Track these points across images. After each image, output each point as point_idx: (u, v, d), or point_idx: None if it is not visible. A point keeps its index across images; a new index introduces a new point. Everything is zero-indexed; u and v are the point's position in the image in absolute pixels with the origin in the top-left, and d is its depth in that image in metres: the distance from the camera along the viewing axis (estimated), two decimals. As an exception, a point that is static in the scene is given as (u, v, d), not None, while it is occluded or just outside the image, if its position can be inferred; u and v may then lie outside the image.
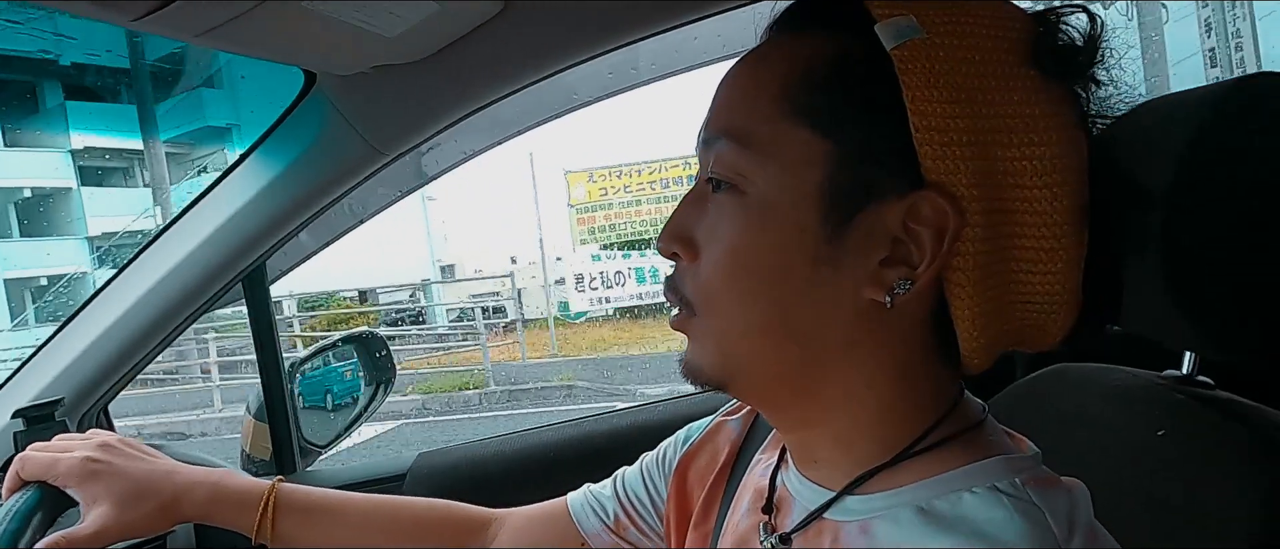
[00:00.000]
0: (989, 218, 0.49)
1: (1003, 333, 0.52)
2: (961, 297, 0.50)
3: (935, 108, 0.48)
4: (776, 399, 0.57)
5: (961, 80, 0.48)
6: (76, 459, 0.76)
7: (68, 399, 1.20)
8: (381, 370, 1.56)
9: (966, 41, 0.49)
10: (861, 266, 0.50)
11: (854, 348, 0.52)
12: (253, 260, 1.19)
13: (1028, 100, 0.49)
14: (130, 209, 17.70)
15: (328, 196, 1.12)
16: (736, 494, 0.68)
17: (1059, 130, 0.49)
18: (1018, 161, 0.49)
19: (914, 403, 0.53)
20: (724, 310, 0.54)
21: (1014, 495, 0.48)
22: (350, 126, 1.05)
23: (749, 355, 0.54)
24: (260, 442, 1.42)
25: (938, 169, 0.48)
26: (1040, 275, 0.50)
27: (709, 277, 0.54)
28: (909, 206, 0.49)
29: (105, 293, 1.23)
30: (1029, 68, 0.49)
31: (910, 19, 0.49)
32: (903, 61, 0.48)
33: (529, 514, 0.84)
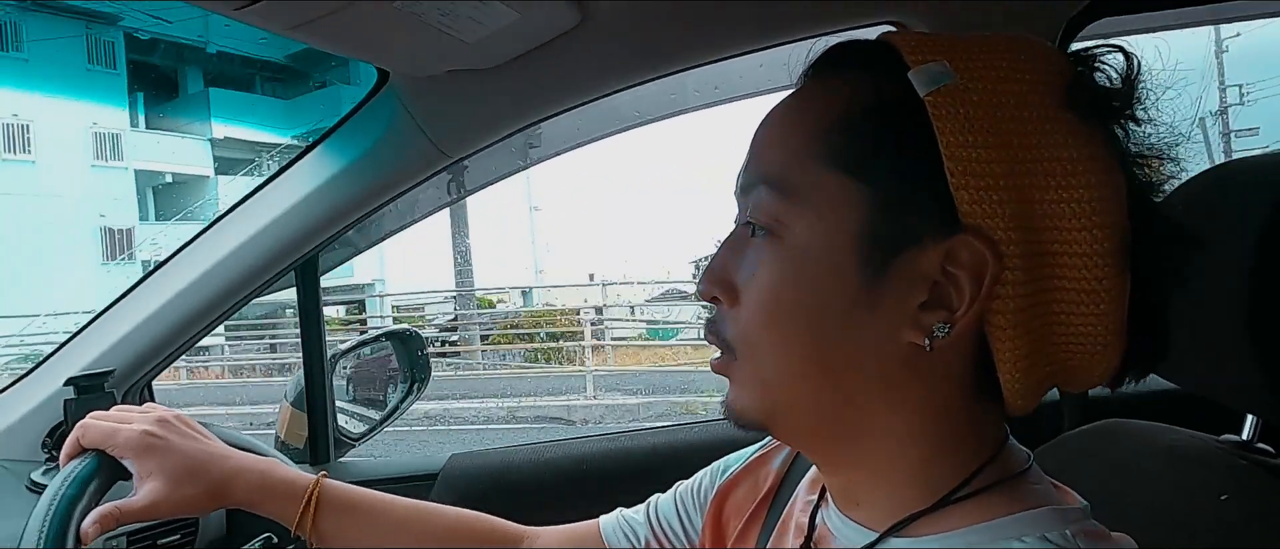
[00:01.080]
0: (1028, 261, 0.49)
1: (1046, 374, 0.52)
2: (1003, 339, 0.50)
3: (971, 153, 0.48)
4: (818, 442, 0.57)
5: (996, 124, 0.48)
6: (135, 432, 0.76)
7: (118, 371, 1.23)
8: (418, 369, 1.58)
9: (1001, 85, 0.49)
10: (900, 310, 0.50)
11: (894, 391, 0.52)
12: (309, 250, 1.21)
13: (1064, 143, 0.49)
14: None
15: (388, 194, 1.14)
16: (776, 529, 0.67)
17: (1097, 172, 0.49)
18: (1056, 204, 0.49)
19: (957, 447, 0.53)
20: (764, 354, 0.54)
21: (1064, 547, 0.48)
22: (418, 127, 1.07)
23: (789, 399, 0.54)
24: (296, 429, 1.43)
25: (975, 213, 0.48)
26: (1082, 316, 0.50)
27: (748, 321, 0.54)
28: (947, 251, 0.49)
29: (162, 270, 1.25)
30: (1064, 110, 0.49)
31: (944, 64, 0.49)
32: (936, 107, 0.48)
33: (560, 534, 0.84)
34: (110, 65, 18.88)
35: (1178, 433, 0.78)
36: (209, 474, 0.77)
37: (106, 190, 18.76)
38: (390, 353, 1.62)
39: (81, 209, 18.07)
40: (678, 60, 1.04)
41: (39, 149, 17.83)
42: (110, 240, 18.74)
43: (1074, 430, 0.89)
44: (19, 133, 17.61)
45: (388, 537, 0.83)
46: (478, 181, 1.39)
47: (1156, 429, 0.80)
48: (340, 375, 1.53)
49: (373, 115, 1.11)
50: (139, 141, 19.52)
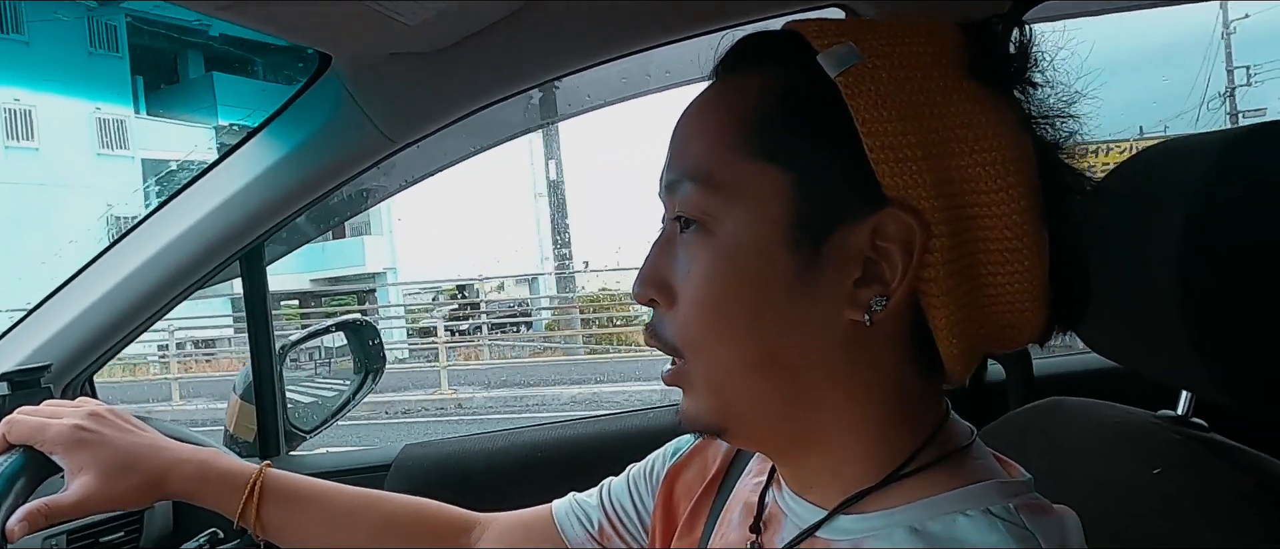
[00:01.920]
0: (952, 227, 0.50)
1: (980, 337, 0.54)
2: (937, 306, 0.51)
3: (886, 126, 0.49)
4: (773, 437, 0.57)
5: (907, 97, 0.50)
6: (65, 426, 0.74)
7: (54, 367, 1.19)
8: (372, 359, 1.55)
9: (906, 60, 0.50)
10: (837, 290, 0.51)
11: (841, 372, 0.53)
12: (252, 240, 1.18)
13: (972, 110, 0.50)
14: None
15: (333, 181, 1.12)
16: (725, 508, 0.68)
17: (1006, 135, 0.51)
18: (971, 168, 0.50)
19: (903, 423, 0.54)
20: (709, 352, 0.54)
21: (1007, 520, 0.49)
22: (362, 112, 1.05)
23: (741, 395, 0.54)
24: (245, 423, 1.41)
25: (897, 185, 0.49)
26: (1008, 275, 0.52)
27: (688, 320, 0.54)
28: (875, 226, 0.50)
29: (100, 262, 1.22)
30: (968, 79, 0.51)
31: (850, 45, 0.50)
32: (848, 86, 0.49)
33: (513, 520, 0.84)
34: (113, 49, 18.17)
35: (1117, 409, 0.79)
36: (144, 467, 0.75)
37: (113, 179, 18.03)
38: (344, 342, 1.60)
39: (89, 199, 17.31)
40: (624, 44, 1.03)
41: (42, 136, 17.10)
42: (120, 232, 17.99)
43: (1018, 409, 0.90)
44: (22, 119, 16.85)
45: (336, 526, 0.81)
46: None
47: (1097, 406, 0.81)
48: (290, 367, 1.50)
49: (315, 100, 1.08)
50: (143, 128, 18.83)
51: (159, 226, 1.19)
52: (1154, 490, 0.68)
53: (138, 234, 1.20)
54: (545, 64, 1.05)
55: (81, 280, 1.22)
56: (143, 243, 1.18)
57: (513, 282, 17.78)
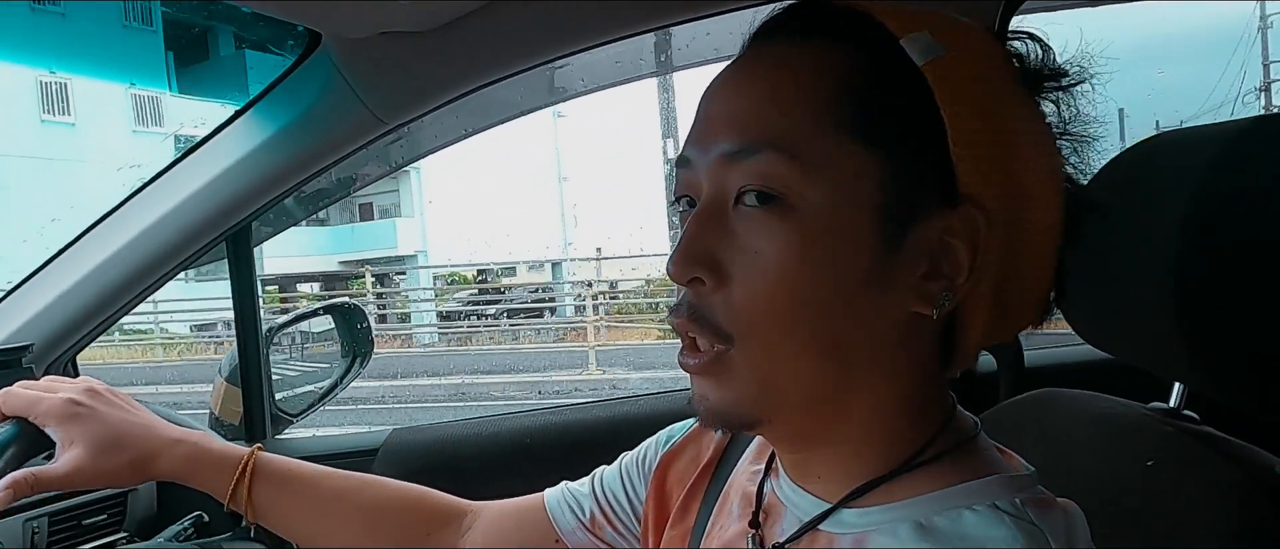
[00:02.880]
0: (1007, 231, 0.51)
1: (994, 330, 0.54)
2: (978, 306, 0.51)
3: (968, 123, 0.49)
4: (804, 425, 0.54)
5: (982, 97, 0.50)
6: (59, 400, 0.74)
7: (37, 346, 1.18)
8: (360, 343, 1.54)
9: (979, 59, 0.51)
10: (908, 282, 0.50)
11: (882, 362, 0.52)
12: (240, 220, 1.17)
13: (1027, 116, 0.52)
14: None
15: (323, 162, 1.11)
16: (721, 497, 0.67)
17: (1049, 143, 0.52)
18: (1027, 174, 0.51)
19: (916, 415, 0.54)
20: (767, 337, 0.50)
21: (1014, 515, 0.48)
22: (352, 92, 1.03)
23: (791, 383, 0.51)
24: (231, 405, 1.39)
25: (973, 183, 0.49)
26: (1033, 280, 0.53)
27: (747, 301, 0.50)
28: (948, 222, 0.50)
29: (84, 240, 1.20)
30: (1020, 85, 0.52)
31: (929, 36, 0.50)
32: (936, 77, 0.49)
33: (505, 508, 0.83)
34: (147, 22, 17.64)
35: (1108, 401, 0.79)
36: (135, 444, 0.76)
37: (149, 157, 17.64)
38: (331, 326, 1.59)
39: (127, 178, 16.97)
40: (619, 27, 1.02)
41: (78, 111, 16.64)
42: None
43: (1010, 400, 0.90)
44: (58, 93, 16.36)
45: (326, 509, 0.81)
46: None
47: (1088, 397, 0.81)
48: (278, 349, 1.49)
49: (305, 79, 1.07)
50: (177, 106, 18.30)
51: (144, 206, 1.17)
52: (1146, 482, 0.68)
53: (122, 213, 1.18)
54: (539, 46, 1.04)
55: (65, 258, 1.20)
56: (128, 222, 1.17)
57: (525, 268, 17.78)
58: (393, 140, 1.19)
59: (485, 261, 16.90)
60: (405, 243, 18.94)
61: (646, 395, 1.46)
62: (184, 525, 1.12)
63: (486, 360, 11.36)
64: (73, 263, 1.20)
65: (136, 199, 1.19)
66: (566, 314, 14.19)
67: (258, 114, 1.12)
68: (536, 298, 15.16)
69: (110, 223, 1.20)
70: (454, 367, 10.91)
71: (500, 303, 14.61)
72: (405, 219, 19.18)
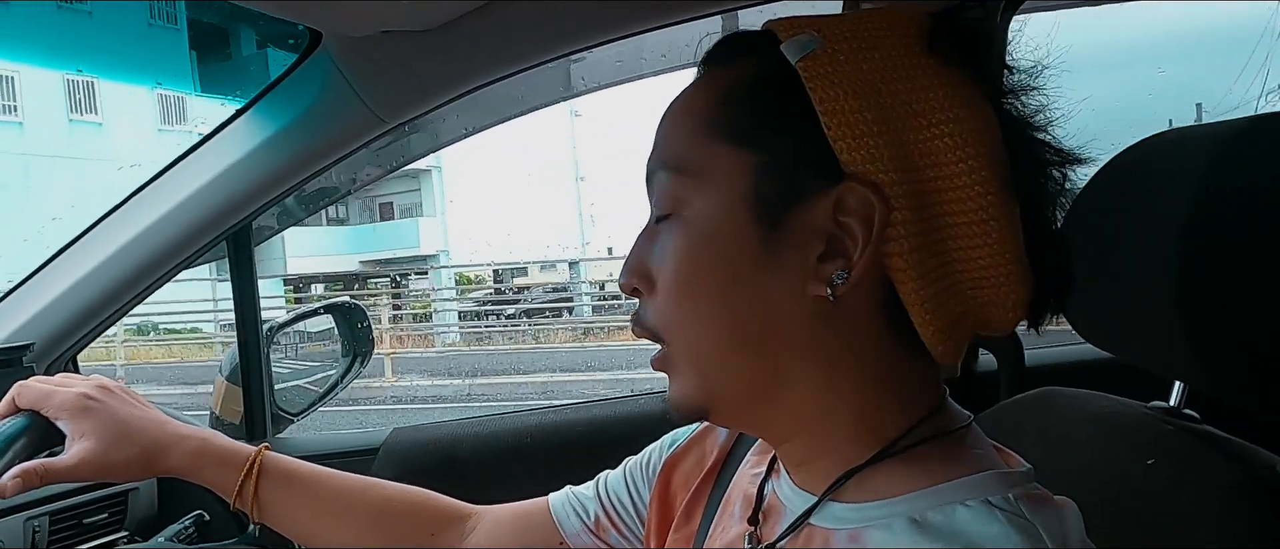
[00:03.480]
0: (914, 200, 0.51)
1: (958, 315, 0.54)
2: (905, 280, 0.51)
3: (842, 104, 0.50)
4: (754, 412, 0.57)
5: (863, 75, 0.51)
6: (71, 393, 0.76)
7: (37, 345, 1.18)
8: (360, 342, 1.54)
9: (864, 43, 0.52)
10: (801, 266, 0.52)
11: (814, 347, 0.53)
12: (240, 219, 1.17)
13: (929, 83, 0.51)
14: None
15: (324, 161, 1.11)
16: (724, 500, 0.67)
17: (964, 106, 0.51)
18: (930, 141, 0.51)
19: (890, 402, 0.54)
20: (686, 333, 0.56)
21: (1008, 511, 0.48)
22: (353, 91, 1.03)
23: (721, 373, 0.55)
24: (231, 404, 1.39)
25: (854, 160, 0.50)
26: (977, 248, 0.52)
27: (664, 303, 0.56)
28: (835, 200, 0.51)
29: (85, 239, 1.20)
30: (926, 55, 0.52)
31: (811, 33, 0.52)
32: (807, 70, 0.51)
33: (508, 511, 0.84)
34: (172, 21, 17.46)
35: (1109, 400, 0.79)
36: (144, 439, 0.77)
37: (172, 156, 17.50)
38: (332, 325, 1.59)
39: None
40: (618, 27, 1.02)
41: (105, 110, 16.66)
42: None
43: (1010, 399, 0.90)
44: (85, 91, 16.37)
45: (331, 508, 0.82)
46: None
47: (1089, 396, 0.81)
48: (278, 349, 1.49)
49: (306, 78, 1.07)
50: (202, 107, 18.33)
51: (145, 205, 1.17)
52: (1146, 481, 0.68)
53: (123, 212, 1.18)
54: (539, 46, 1.04)
55: (66, 258, 1.20)
56: (128, 221, 1.17)
57: (538, 268, 17.74)
58: (412, 132, 1.19)
59: (507, 262, 16.81)
60: (427, 242, 18.94)
61: (644, 395, 1.46)
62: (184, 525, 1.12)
63: (509, 361, 11.31)
64: (73, 262, 1.20)
65: (137, 198, 1.19)
66: (583, 314, 14.23)
67: (258, 113, 1.12)
68: (555, 298, 15.16)
69: (111, 222, 1.20)
70: (476, 367, 10.87)
71: (518, 302, 14.56)
72: (427, 218, 19.16)
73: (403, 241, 19.10)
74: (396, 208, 19.90)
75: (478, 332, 13.67)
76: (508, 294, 15.66)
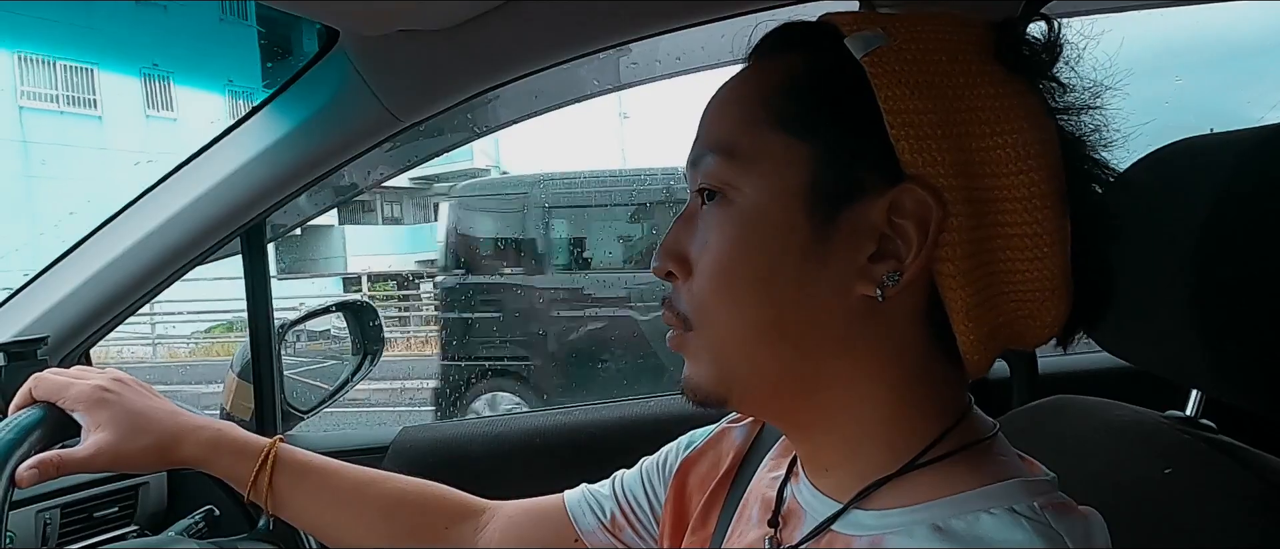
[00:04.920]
0: (970, 206, 0.51)
1: (997, 325, 0.53)
2: (952, 287, 0.51)
3: (906, 104, 0.50)
4: (779, 405, 0.57)
5: (929, 77, 0.50)
6: (87, 385, 0.77)
7: (52, 339, 1.18)
8: (371, 340, 1.55)
9: (931, 43, 0.51)
10: (850, 263, 0.51)
11: (851, 346, 0.53)
12: (255, 216, 1.17)
13: (994, 91, 0.51)
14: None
15: (338, 159, 1.11)
16: (742, 503, 0.67)
17: (1027, 118, 0.51)
18: (991, 150, 0.50)
19: (920, 408, 0.54)
20: (719, 320, 0.54)
21: (1032, 519, 0.48)
22: (369, 89, 1.03)
23: (746, 364, 0.54)
24: (242, 401, 1.40)
25: (915, 162, 0.50)
26: (1026, 260, 0.52)
27: (702, 289, 0.55)
28: (892, 201, 0.50)
29: (100, 234, 1.21)
30: (992, 62, 0.52)
31: (877, 30, 0.51)
32: (873, 66, 0.50)
33: (523, 507, 0.83)
34: (243, 16, 17.36)
35: (1124, 408, 0.79)
36: (158, 429, 0.77)
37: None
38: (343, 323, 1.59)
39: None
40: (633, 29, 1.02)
41: (180, 106, 16.44)
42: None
43: (1023, 406, 0.90)
44: (161, 88, 16.13)
45: (344, 500, 0.82)
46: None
47: (1103, 405, 0.81)
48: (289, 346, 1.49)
49: (322, 76, 1.07)
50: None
51: (160, 200, 1.17)
52: (1162, 490, 0.68)
53: (138, 207, 1.19)
54: (556, 46, 1.04)
55: (81, 252, 1.21)
56: (144, 216, 1.17)
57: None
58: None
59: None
60: None
61: (656, 396, 1.45)
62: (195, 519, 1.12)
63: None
64: (88, 257, 1.20)
65: (152, 194, 1.20)
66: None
67: (274, 110, 1.12)
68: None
69: (126, 217, 1.20)
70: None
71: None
72: None
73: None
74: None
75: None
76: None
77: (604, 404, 1.44)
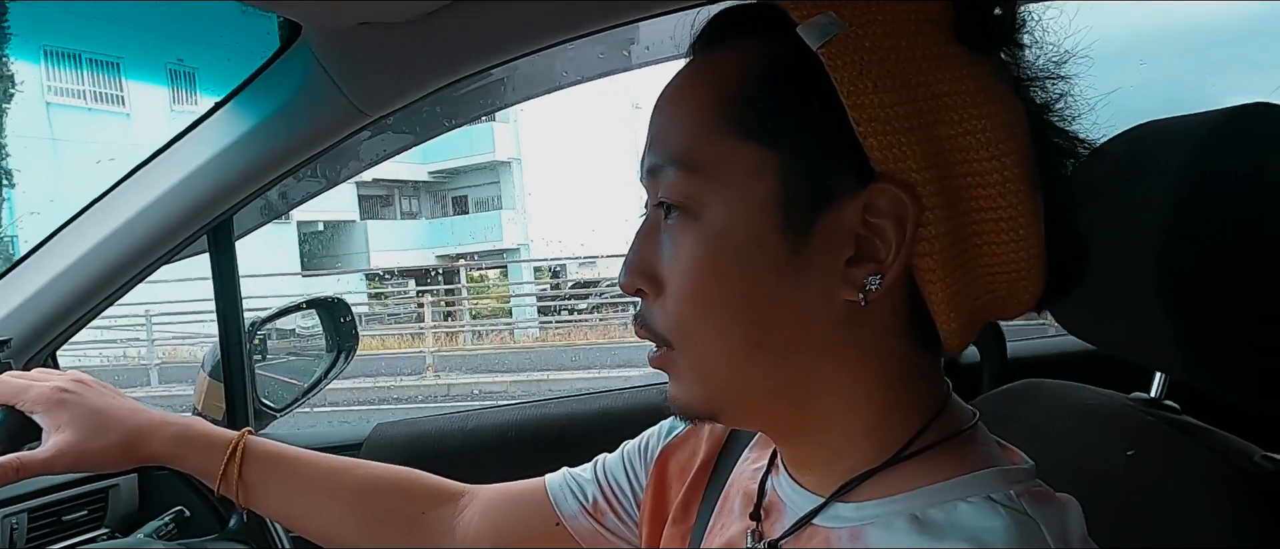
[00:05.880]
0: (945, 198, 0.49)
1: (977, 308, 0.53)
2: (933, 280, 0.50)
3: (872, 98, 0.47)
4: (769, 416, 0.56)
5: (892, 67, 0.48)
6: (47, 387, 0.76)
7: (15, 341, 1.16)
8: (344, 337, 1.53)
9: (890, 27, 0.49)
10: (830, 270, 0.50)
11: (838, 353, 0.52)
12: (221, 213, 1.15)
13: (960, 75, 0.49)
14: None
15: (304, 154, 1.10)
16: (722, 494, 0.67)
17: (995, 100, 0.50)
18: (961, 137, 0.49)
19: (904, 402, 0.53)
20: (699, 341, 0.53)
21: (1009, 507, 0.48)
22: (333, 83, 1.02)
23: (733, 382, 0.53)
24: (213, 400, 1.38)
25: (886, 159, 0.48)
26: (1003, 244, 0.51)
27: (677, 309, 0.53)
28: (865, 202, 0.49)
29: (63, 233, 1.19)
30: (954, 43, 0.50)
31: (830, 15, 0.48)
32: (831, 58, 0.48)
33: (504, 491, 0.83)
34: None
35: (1091, 392, 0.80)
36: (121, 427, 0.76)
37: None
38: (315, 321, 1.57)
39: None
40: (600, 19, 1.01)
41: (204, 102, 16.18)
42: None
43: (993, 391, 0.90)
44: (186, 83, 15.79)
45: (317, 489, 0.81)
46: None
47: (1071, 388, 0.82)
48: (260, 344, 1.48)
49: (285, 71, 1.06)
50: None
51: (123, 199, 1.15)
52: (1127, 472, 0.68)
53: (101, 206, 1.17)
54: (521, 38, 1.03)
55: (42, 253, 1.19)
56: (106, 215, 1.15)
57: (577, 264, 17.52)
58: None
59: (586, 254, 16.52)
60: (509, 235, 18.65)
61: (628, 389, 1.45)
62: (165, 521, 1.11)
63: (589, 355, 11.00)
64: (51, 257, 1.18)
65: (116, 192, 1.18)
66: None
67: (238, 106, 1.10)
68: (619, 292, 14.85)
69: (89, 216, 1.18)
70: (559, 361, 10.64)
71: (590, 297, 14.37)
72: (507, 211, 18.83)
73: (486, 234, 18.66)
74: (470, 201, 19.57)
75: (550, 324, 13.49)
76: (565, 288, 15.41)
77: (579, 395, 1.44)
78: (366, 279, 16.45)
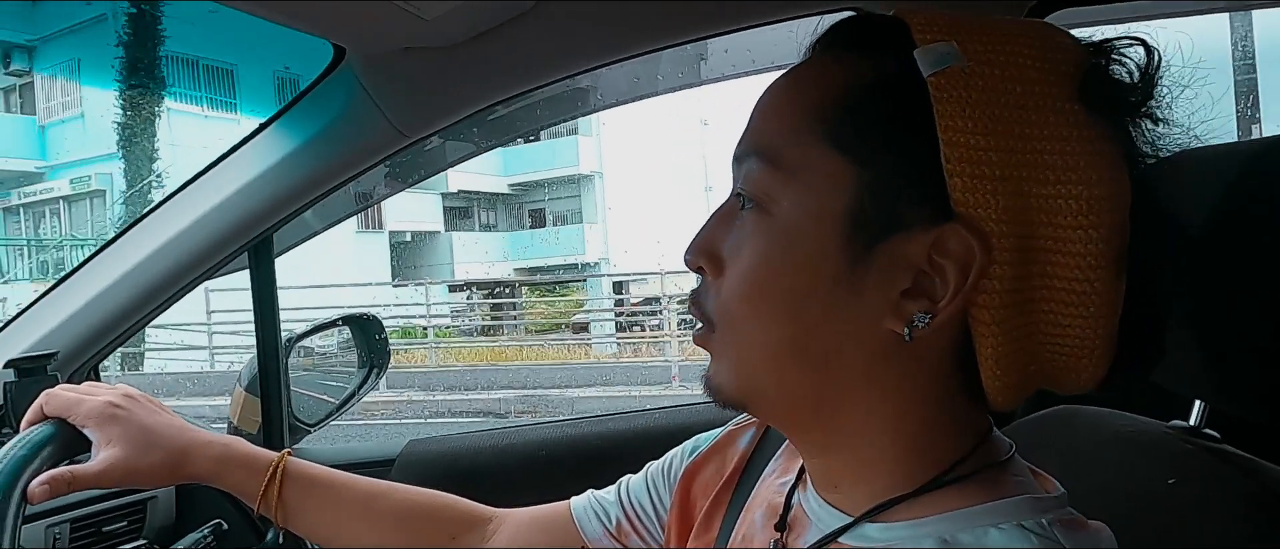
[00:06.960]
0: (1018, 256, 0.48)
1: (1029, 374, 0.51)
2: (985, 335, 0.49)
3: (969, 139, 0.46)
4: (797, 422, 0.56)
5: (999, 112, 0.47)
6: (98, 401, 0.77)
7: (61, 354, 1.19)
8: (377, 354, 1.55)
9: (1008, 72, 0.47)
10: (882, 296, 0.49)
11: (875, 378, 0.51)
12: (262, 231, 1.18)
13: (1069, 136, 0.47)
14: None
15: (345, 174, 1.12)
16: (746, 506, 0.67)
17: (1101, 169, 0.47)
18: (1054, 199, 0.47)
19: (940, 437, 0.52)
20: (742, 330, 0.53)
21: (1041, 535, 0.47)
22: (375, 106, 1.05)
23: (767, 377, 0.53)
24: (249, 414, 1.40)
25: (967, 202, 0.47)
26: (1071, 318, 0.49)
27: (729, 294, 0.53)
28: (935, 239, 0.48)
29: (109, 250, 1.22)
30: (1074, 102, 0.47)
31: (952, 46, 0.47)
32: (938, 89, 0.47)
33: (529, 515, 0.84)
34: None
35: (1128, 419, 0.79)
36: (169, 444, 0.78)
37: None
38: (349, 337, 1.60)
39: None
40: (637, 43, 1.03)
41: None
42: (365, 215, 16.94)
43: (1028, 417, 0.90)
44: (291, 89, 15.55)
45: (353, 512, 0.82)
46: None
47: (1108, 415, 0.81)
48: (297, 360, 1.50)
49: (329, 93, 1.08)
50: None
51: (169, 216, 1.19)
52: (1167, 500, 0.68)
53: (147, 223, 1.20)
54: (558, 62, 1.05)
55: (89, 268, 1.22)
56: (152, 232, 1.18)
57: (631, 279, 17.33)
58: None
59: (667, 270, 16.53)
60: (592, 249, 18.42)
61: (664, 409, 1.46)
62: (203, 534, 1.12)
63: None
64: (97, 272, 1.21)
65: (160, 210, 1.21)
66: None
67: (282, 127, 1.13)
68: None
69: (135, 233, 1.22)
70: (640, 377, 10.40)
71: (660, 313, 14.35)
72: (588, 225, 18.65)
73: (567, 248, 18.45)
74: (548, 215, 19.68)
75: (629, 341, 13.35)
76: (626, 303, 15.33)
77: (611, 416, 1.44)
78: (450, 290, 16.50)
